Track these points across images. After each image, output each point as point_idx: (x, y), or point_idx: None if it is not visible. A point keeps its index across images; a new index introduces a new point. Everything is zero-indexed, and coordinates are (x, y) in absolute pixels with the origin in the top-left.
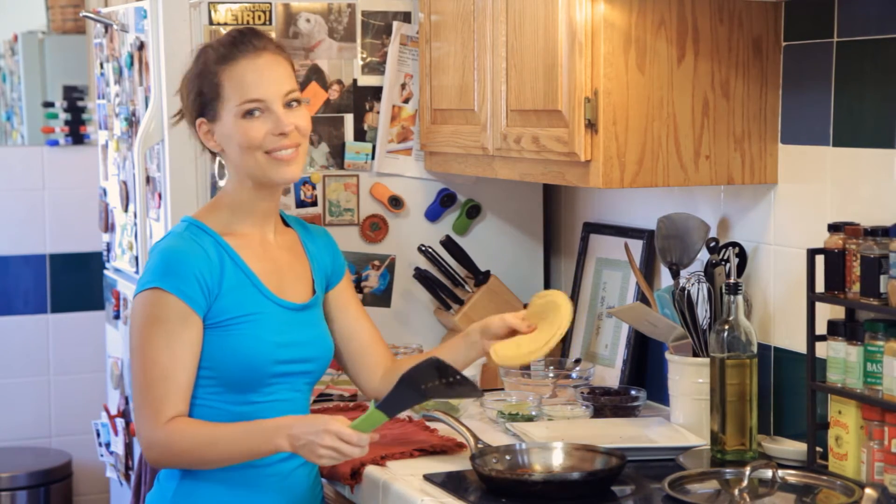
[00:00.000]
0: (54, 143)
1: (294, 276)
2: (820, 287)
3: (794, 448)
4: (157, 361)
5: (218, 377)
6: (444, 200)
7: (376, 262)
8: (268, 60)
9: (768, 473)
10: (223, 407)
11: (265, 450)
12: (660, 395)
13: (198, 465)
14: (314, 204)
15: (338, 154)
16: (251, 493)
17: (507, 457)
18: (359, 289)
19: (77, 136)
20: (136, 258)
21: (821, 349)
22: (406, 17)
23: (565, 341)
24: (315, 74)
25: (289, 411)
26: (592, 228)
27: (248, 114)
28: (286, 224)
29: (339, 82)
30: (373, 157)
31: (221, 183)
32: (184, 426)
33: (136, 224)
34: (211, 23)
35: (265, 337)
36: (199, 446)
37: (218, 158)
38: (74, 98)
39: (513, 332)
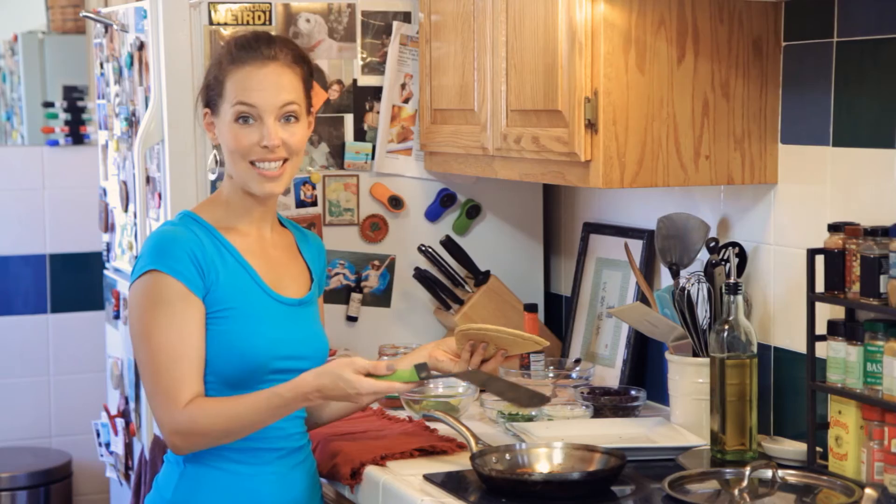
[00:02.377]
0: (54, 143)
1: (290, 274)
2: (820, 287)
3: (794, 448)
4: (165, 345)
5: (214, 372)
6: (444, 200)
7: (376, 262)
8: (273, 69)
9: (768, 473)
10: None
11: (293, 409)
12: (660, 395)
13: (224, 440)
14: (314, 204)
15: (338, 154)
16: (251, 492)
17: (507, 457)
18: (359, 289)
19: (77, 136)
20: (136, 258)
21: (821, 349)
22: (406, 17)
23: (565, 341)
24: (315, 74)
25: None
26: (592, 228)
27: (242, 119)
28: (282, 225)
29: (339, 82)
30: (373, 157)
31: (211, 176)
32: (204, 405)
33: (136, 224)
34: (211, 23)
35: (263, 332)
36: (224, 421)
37: (213, 152)
38: (74, 98)
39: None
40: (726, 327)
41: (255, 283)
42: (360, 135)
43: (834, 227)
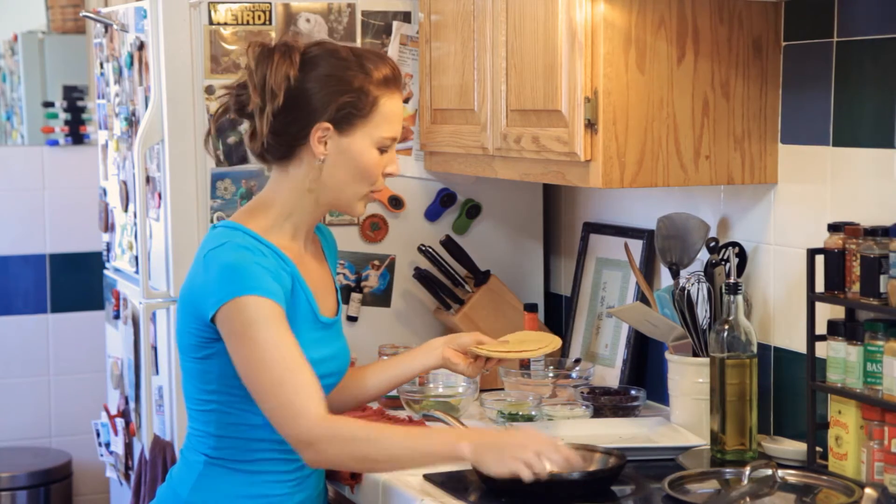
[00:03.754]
0: (54, 143)
1: (323, 288)
2: (820, 287)
3: (794, 448)
4: (275, 360)
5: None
6: (444, 200)
7: (376, 262)
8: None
9: (768, 473)
10: (239, 413)
11: (441, 450)
12: (660, 395)
13: (362, 460)
14: None
15: None
16: (270, 497)
17: None
18: (359, 289)
19: (77, 136)
20: (136, 258)
21: (821, 349)
22: (406, 17)
23: (565, 341)
24: None
25: None
26: (592, 228)
27: (381, 147)
28: None
29: None
30: None
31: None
32: (345, 419)
33: (136, 224)
34: (211, 23)
35: (308, 356)
36: (368, 438)
37: (317, 164)
38: (74, 98)
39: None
40: (726, 327)
41: (309, 305)
42: None
43: (834, 227)
